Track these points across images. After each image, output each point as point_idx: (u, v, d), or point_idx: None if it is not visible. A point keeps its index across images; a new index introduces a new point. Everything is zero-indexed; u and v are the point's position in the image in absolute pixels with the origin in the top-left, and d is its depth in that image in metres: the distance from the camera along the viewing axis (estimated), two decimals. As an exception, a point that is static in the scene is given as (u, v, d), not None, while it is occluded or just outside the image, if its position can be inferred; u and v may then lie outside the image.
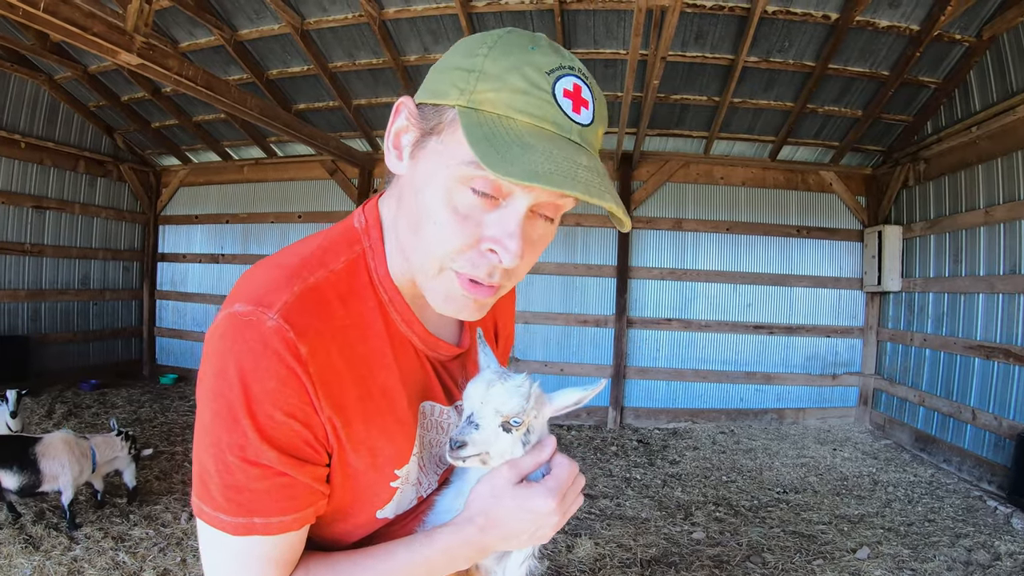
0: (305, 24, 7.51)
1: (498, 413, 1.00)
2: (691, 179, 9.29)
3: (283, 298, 0.94)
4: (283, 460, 0.93)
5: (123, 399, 9.46)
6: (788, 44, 6.99)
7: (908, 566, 4.63)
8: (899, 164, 8.20)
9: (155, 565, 4.39)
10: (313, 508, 0.99)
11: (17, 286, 9.49)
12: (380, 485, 1.07)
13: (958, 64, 6.85)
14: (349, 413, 0.98)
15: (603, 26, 7.07)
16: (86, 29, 4.69)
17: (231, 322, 0.92)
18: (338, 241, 1.07)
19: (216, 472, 0.92)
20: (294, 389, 0.92)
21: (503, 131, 0.84)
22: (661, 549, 4.92)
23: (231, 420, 0.91)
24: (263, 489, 0.93)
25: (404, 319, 1.09)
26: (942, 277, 7.45)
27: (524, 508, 0.99)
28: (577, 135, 0.88)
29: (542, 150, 0.82)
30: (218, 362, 0.92)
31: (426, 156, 0.93)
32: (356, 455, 1.01)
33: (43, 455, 4.66)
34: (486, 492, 1.00)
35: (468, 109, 0.86)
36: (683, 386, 9.26)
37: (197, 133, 10.34)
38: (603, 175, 0.88)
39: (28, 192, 9.56)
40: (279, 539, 0.95)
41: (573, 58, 0.91)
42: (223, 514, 0.93)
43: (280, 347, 0.91)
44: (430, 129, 0.92)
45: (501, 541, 1.00)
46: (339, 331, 0.99)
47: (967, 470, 6.69)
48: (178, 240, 11.72)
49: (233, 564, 0.96)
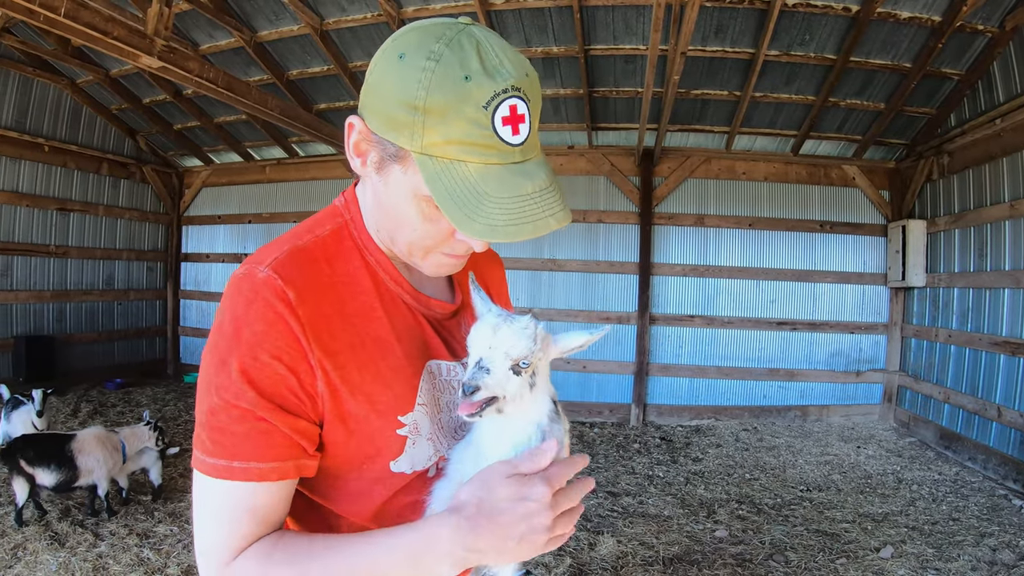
0: (324, 25, 7.55)
1: (508, 357, 1.00)
2: (713, 175, 9.24)
3: (273, 255, 1.05)
4: (263, 404, 0.97)
5: (148, 398, 9.57)
6: (809, 37, 6.92)
7: (932, 565, 4.57)
8: (922, 157, 8.09)
9: (179, 561, 4.44)
10: (294, 463, 1.01)
11: (43, 287, 9.64)
12: (387, 432, 1.09)
13: (981, 55, 6.75)
14: (341, 358, 1.04)
15: (622, 22, 7.04)
16: (106, 33, 4.74)
17: (231, 283, 1.03)
18: (322, 216, 1.20)
19: (206, 415, 0.99)
20: (280, 332, 0.99)
21: (459, 182, 0.95)
22: (684, 547, 4.90)
23: (220, 362, 0.99)
24: (243, 432, 0.97)
25: (391, 277, 1.17)
26: (967, 272, 7.35)
27: (516, 497, 0.93)
28: (519, 154, 0.97)
29: (494, 198, 0.94)
30: (219, 316, 1.03)
31: (394, 179, 1.03)
32: (354, 401, 1.05)
33: (79, 451, 4.86)
34: (478, 484, 0.97)
35: (424, 156, 0.96)
36: (706, 383, 9.22)
37: (219, 134, 10.44)
38: (544, 189, 0.99)
39: (52, 195, 9.71)
40: (257, 489, 0.98)
41: (506, 70, 0.94)
42: (207, 456, 0.97)
43: (268, 294, 0.99)
44: (391, 156, 1.01)
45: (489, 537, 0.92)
46: (328, 286, 1.07)
47: (992, 468, 6.59)
48: (201, 240, 11.85)
49: (212, 509, 1.00)
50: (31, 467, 4.69)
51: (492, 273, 1.50)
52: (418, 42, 0.95)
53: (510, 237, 0.95)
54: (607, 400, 9.36)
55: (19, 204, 9.21)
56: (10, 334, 9.17)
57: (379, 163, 1.04)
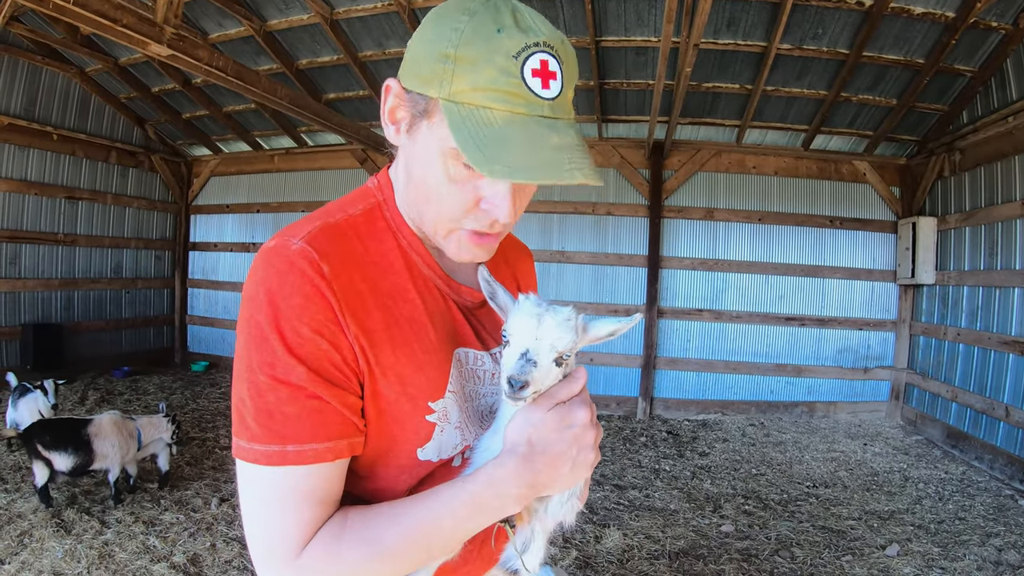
0: (334, 14, 7.53)
1: (553, 349, 0.99)
2: (723, 168, 9.20)
3: (306, 230, 1.03)
4: (312, 378, 0.95)
5: (155, 386, 9.61)
6: (821, 31, 6.87)
7: (938, 564, 4.56)
8: (934, 154, 8.03)
9: (185, 550, 4.45)
10: (347, 441, 0.99)
11: (51, 275, 9.68)
12: (416, 418, 1.07)
13: (994, 52, 6.67)
14: (375, 337, 1.02)
15: (634, 13, 7.00)
16: (116, 21, 4.72)
17: (261, 256, 1.00)
18: (355, 196, 1.19)
19: (249, 397, 0.96)
20: (320, 306, 0.97)
21: (484, 127, 0.92)
22: (689, 541, 4.89)
23: (260, 339, 0.96)
24: (294, 413, 0.94)
25: (425, 261, 1.16)
26: (977, 270, 7.30)
27: (563, 424, 0.99)
28: (548, 110, 0.95)
29: (518, 143, 0.92)
30: (250, 291, 0.99)
31: (421, 137, 1.03)
32: (385, 381, 1.03)
33: (95, 436, 4.91)
34: (523, 423, 1.00)
35: (450, 103, 0.95)
36: (713, 377, 9.20)
37: (228, 123, 10.44)
38: (573, 146, 0.96)
39: (61, 183, 9.74)
40: (313, 470, 0.96)
41: (539, 29, 0.95)
42: (257, 443, 0.95)
43: (304, 266, 0.97)
44: (420, 113, 1.01)
45: (547, 469, 0.98)
46: (360, 264, 1.06)
47: (999, 468, 6.56)
48: (209, 229, 11.88)
49: (269, 499, 0.97)
50: (47, 451, 4.72)
51: (522, 265, 1.49)
52: (456, 4, 0.98)
53: (530, 178, 0.92)
54: (614, 393, 9.36)
55: (27, 192, 9.23)
56: (18, 322, 9.21)
57: (409, 124, 1.04)
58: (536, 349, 0.98)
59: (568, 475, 1.00)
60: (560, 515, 1.10)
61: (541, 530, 1.13)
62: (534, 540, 1.13)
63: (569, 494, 1.09)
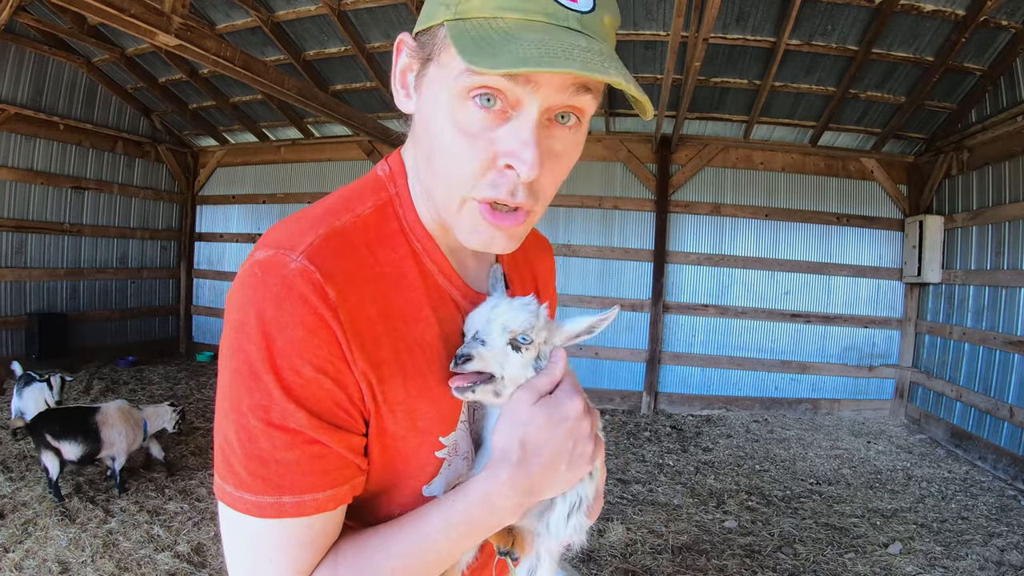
0: (342, 4, 7.51)
1: (505, 329, 0.92)
2: (730, 164, 9.18)
3: (307, 240, 0.86)
4: (314, 424, 0.82)
5: (160, 376, 9.64)
6: (831, 27, 6.84)
7: (940, 563, 4.56)
8: (942, 153, 8.00)
9: (189, 539, 4.47)
10: (350, 485, 0.88)
11: (56, 265, 9.70)
12: (424, 454, 0.96)
13: (1004, 51, 6.63)
14: (385, 371, 0.88)
15: (643, 7, 6.97)
16: (124, 11, 4.72)
17: (251, 270, 0.85)
18: (363, 188, 1.01)
19: (238, 443, 0.83)
20: (324, 339, 0.83)
21: (491, 31, 0.77)
22: (693, 536, 4.90)
23: (252, 378, 0.82)
24: (292, 460, 0.82)
25: (441, 270, 1.00)
26: (983, 270, 7.27)
27: (554, 418, 0.88)
28: (576, 22, 0.80)
29: (532, 39, 0.75)
30: (237, 315, 0.84)
31: (428, 84, 0.87)
32: (393, 418, 0.91)
33: (103, 424, 4.96)
34: (510, 424, 0.90)
35: (456, 20, 0.80)
36: (718, 373, 9.20)
37: (234, 114, 10.44)
38: (607, 55, 0.79)
39: (67, 173, 9.76)
40: (313, 520, 0.85)
41: None
42: (248, 493, 0.82)
43: (306, 290, 0.82)
44: (427, 56, 0.87)
45: (543, 471, 0.88)
46: (370, 279, 0.90)
47: (1002, 468, 6.54)
48: (215, 220, 11.91)
49: (258, 550, 0.86)
50: (56, 441, 4.74)
51: (542, 262, 1.34)
52: None
53: (546, 66, 0.72)
54: (618, 387, 9.36)
55: (34, 182, 9.25)
56: (24, 311, 9.24)
57: (418, 77, 0.90)
58: (485, 330, 0.93)
59: (566, 473, 0.90)
60: (565, 534, 1.00)
61: (547, 554, 1.05)
62: (540, 566, 1.05)
63: (572, 509, 0.99)
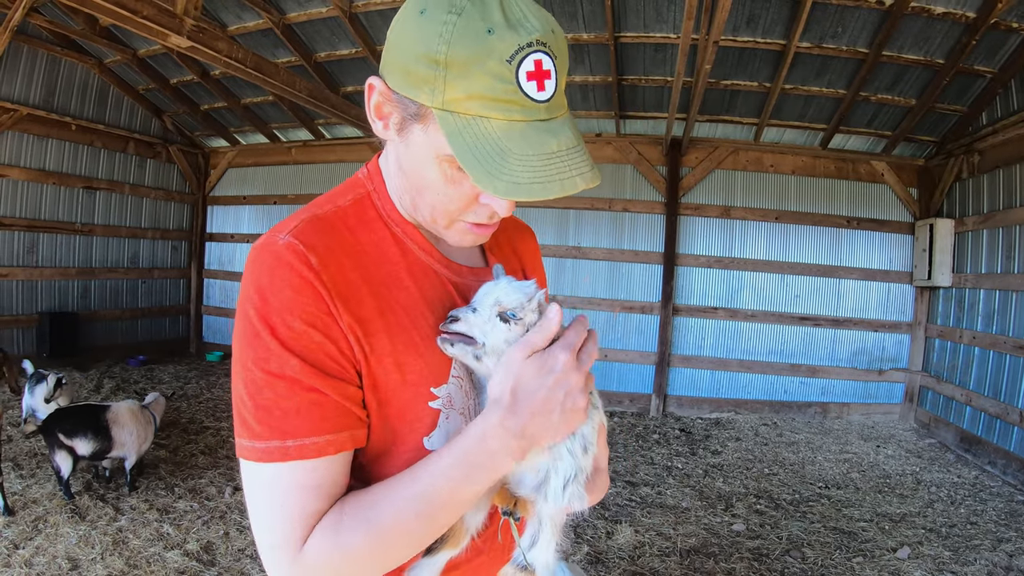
0: (353, 7, 7.55)
1: (497, 303, 1.02)
2: (740, 166, 9.18)
3: (293, 224, 1.03)
4: (308, 371, 0.94)
5: (170, 375, 9.69)
6: (841, 29, 6.82)
7: (948, 568, 4.54)
8: (952, 156, 7.97)
9: (198, 537, 4.50)
10: (349, 433, 0.98)
11: (68, 264, 9.77)
12: (418, 405, 1.06)
13: (1015, 53, 6.59)
14: (370, 325, 1.01)
15: (653, 9, 6.97)
16: (136, 12, 4.76)
17: (251, 253, 1.00)
18: (343, 187, 1.17)
19: (248, 395, 0.95)
20: (310, 297, 0.96)
21: (482, 140, 0.90)
22: (701, 539, 4.89)
23: (253, 334, 0.96)
24: (292, 407, 0.93)
25: (421, 247, 1.14)
26: (994, 273, 7.23)
27: (544, 369, 0.96)
28: (544, 112, 0.92)
29: (518, 155, 0.90)
30: (243, 291, 0.99)
31: (415, 140, 0.99)
32: (382, 369, 1.02)
33: (113, 422, 4.99)
34: (504, 374, 0.98)
35: (445, 113, 0.91)
36: (727, 376, 9.19)
37: (245, 115, 10.50)
38: (571, 148, 0.94)
39: (79, 173, 9.83)
40: (317, 464, 0.95)
41: (529, 22, 0.90)
42: (258, 441, 0.93)
43: (292, 259, 0.96)
44: (412, 116, 0.97)
45: (534, 417, 0.95)
46: (351, 253, 1.04)
47: (1012, 473, 6.50)
48: (226, 220, 11.98)
49: (272, 496, 0.95)
50: (69, 439, 4.77)
51: (525, 245, 1.47)
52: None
53: (535, 195, 0.90)
54: (627, 390, 9.36)
55: (46, 182, 9.33)
56: (35, 310, 9.32)
57: (400, 124, 1.00)
58: (480, 301, 1.04)
59: (559, 422, 0.97)
60: (564, 501, 1.05)
61: (549, 521, 1.10)
62: (542, 532, 1.10)
63: (568, 481, 1.05)
